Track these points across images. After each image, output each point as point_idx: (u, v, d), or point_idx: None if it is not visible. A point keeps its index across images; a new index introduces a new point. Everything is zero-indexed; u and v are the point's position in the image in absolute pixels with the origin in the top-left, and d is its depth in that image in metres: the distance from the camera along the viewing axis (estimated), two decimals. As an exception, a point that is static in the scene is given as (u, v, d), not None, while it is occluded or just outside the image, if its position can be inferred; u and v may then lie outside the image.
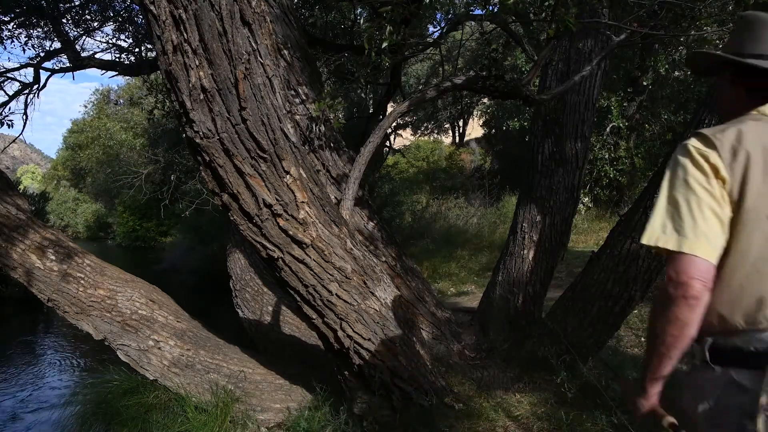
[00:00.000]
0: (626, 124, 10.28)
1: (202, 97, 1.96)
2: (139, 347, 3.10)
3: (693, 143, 1.04)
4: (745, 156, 0.99)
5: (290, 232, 2.27)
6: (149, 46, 6.09)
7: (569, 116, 3.77)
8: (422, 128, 19.58)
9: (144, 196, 11.12)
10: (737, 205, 1.00)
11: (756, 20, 1.09)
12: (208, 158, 2.08)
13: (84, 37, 6.34)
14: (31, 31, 5.83)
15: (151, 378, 3.11)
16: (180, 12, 1.86)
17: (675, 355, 1.03)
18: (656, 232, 1.03)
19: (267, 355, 3.87)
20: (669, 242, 1.00)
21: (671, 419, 1.08)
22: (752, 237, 0.99)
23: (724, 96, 1.18)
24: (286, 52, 3.37)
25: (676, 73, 9.77)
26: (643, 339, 4.04)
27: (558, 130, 3.80)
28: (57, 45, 6.01)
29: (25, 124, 6.52)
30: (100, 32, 6.45)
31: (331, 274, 2.44)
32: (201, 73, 1.93)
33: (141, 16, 5.97)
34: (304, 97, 3.43)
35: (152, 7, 1.88)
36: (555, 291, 4.28)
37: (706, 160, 1.01)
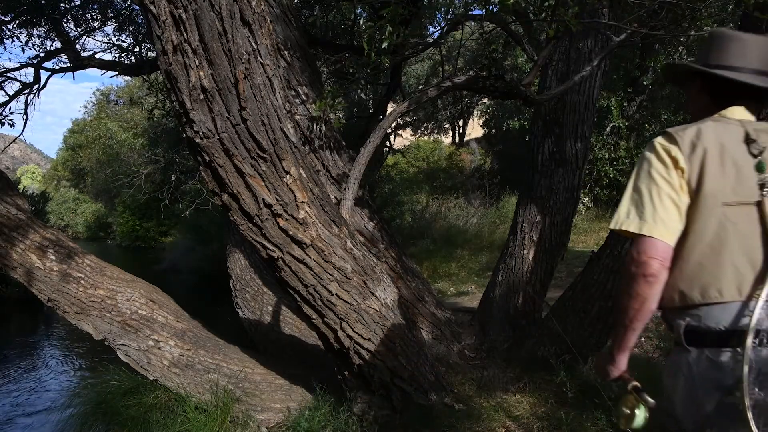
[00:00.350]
0: (626, 124, 10.28)
1: (202, 97, 1.96)
2: (139, 347, 3.10)
3: (658, 140, 1.19)
4: (702, 150, 1.12)
5: (290, 232, 2.28)
6: (149, 46, 6.09)
7: (569, 116, 3.77)
8: (422, 128, 19.59)
9: (144, 196, 11.11)
10: (695, 192, 1.13)
11: (721, 36, 1.24)
12: (208, 158, 2.09)
13: (84, 37, 6.34)
14: (32, 30, 5.83)
15: (151, 378, 3.11)
16: (180, 12, 1.86)
17: (638, 327, 1.16)
18: (621, 218, 1.16)
19: (267, 355, 3.88)
20: (631, 225, 1.14)
21: (635, 383, 1.20)
22: (708, 221, 1.11)
23: (693, 102, 1.32)
24: (286, 52, 3.37)
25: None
26: (643, 339, 4.04)
27: (558, 130, 3.80)
28: (57, 45, 6.01)
29: (25, 124, 6.53)
30: (100, 32, 6.46)
31: (331, 274, 2.44)
32: (201, 73, 1.93)
33: (141, 16, 5.97)
34: (304, 97, 3.43)
35: (152, 7, 1.88)
36: (555, 291, 4.28)
37: (668, 153, 1.15)
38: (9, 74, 5.92)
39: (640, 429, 1.15)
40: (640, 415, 1.15)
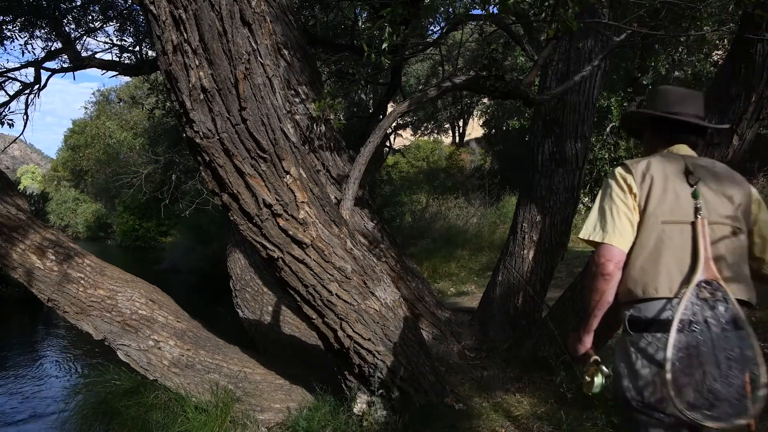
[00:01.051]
0: (626, 123, 10.27)
1: (202, 97, 1.96)
2: (139, 347, 3.10)
3: (618, 170, 1.51)
4: (650, 178, 1.44)
5: (290, 232, 2.28)
6: (150, 46, 6.09)
7: (569, 116, 3.78)
8: (422, 128, 19.58)
9: (144, 196, 11.12)
10: (643, 212, 1.44)
11: (666, 91, 1.59)
12: (208, 158, 2.09)
13: (85, 37, 6.34)
14: (32, 30, 5.83)
15: (151, 378, 3.11)
16: (180, 12, 1.86)
17: (598, 314, 1.48)
18: (589, 230, 1.49)
19: (267, 355, 3.88)
20: (596, 236, 1.46)
21: (596, 357, 1.52)
22: (650, 235, 1.42)
23: (647, 143, 1.65)
24: (286, 52, 3.37)
25: (676, 73, 9.77)
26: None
27: (558, 130, 3.80)
28: (58, 45, 6.01)
29: (25, 124, 6.52)
30: (101, 32, 6.45)
31: (331, 274, 2.44)
32: (201, 73, 1.93)
33: (142, 16, 5.97)
34: (304, 97, 3.43)
35: (152, 7, 1.88)
36: (555, 291, 4.28)
37: (625, 181, 1.47)
38: (9, 74, 5.92)
39: (598, 392, 1.48)
40: (598, 381, 1.47)
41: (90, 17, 6.10)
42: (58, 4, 5.53)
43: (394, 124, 6.74)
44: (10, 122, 6.00)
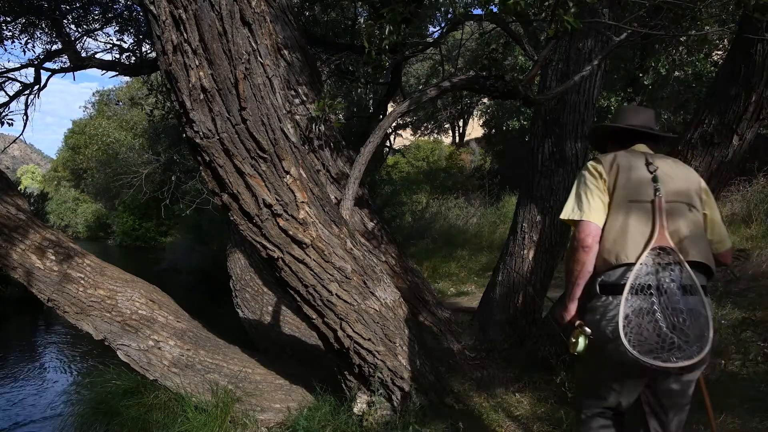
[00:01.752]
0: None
1: (202, 97, 1.96)
2: (139, 347, 3.10)
3: (590, 162, 1.80)
4: (616, 167, 1.73)
5: (290, 232, 2.27)
6: (150, 46, 6.09)
7: (569, 116, 3.77)
8: (422, 128, 19.57)
9: (144, 196, 11.11)
10: (612, 194, 1.71)
11: (624, 108, 1.96)
12: (208, 158, 2.09)
13: (85, 37, 6.33)
14: (33, 31, 5.82)
15: (151, 378, 3.11)
16: (180, 12, 1.86)
17: (581, 283, 1.70)
18: (568, 212, 1.75)
19: (267, 355, 3.88)
20: (575, 215, 1.72)
21: (579, 321, 1.71)
22: (619, 211, 1.68)
23: (610, 151, 1.89)
24: (286, 52, 3.37)
25: (676, 73, 9.76)
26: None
27: (558, 130, 3.80)
28: (58, 45, 6.00)
29: (25, 124, 6.51)
30: (101, 33, 6.44)
31: (331, 274, 2.44)
32: (201, 73, 1.93)
33: (142, 17, 5.97)
34: (304, 97, 3.43)
35: (152, 7, 1.88)
36: (555, 291, 4.28)
37: (596, 169, 1.75)
38: (9, 74, 5.91)
39: (582, 351, 1.69)
40: (582, 342, 1.68)
41: (90, 18, 6.09)
42: (58, 5, 5.53)
43: (394, 124, 6.74)
44: (9, 122, 6.00)
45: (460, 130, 20.33)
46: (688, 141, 2.76)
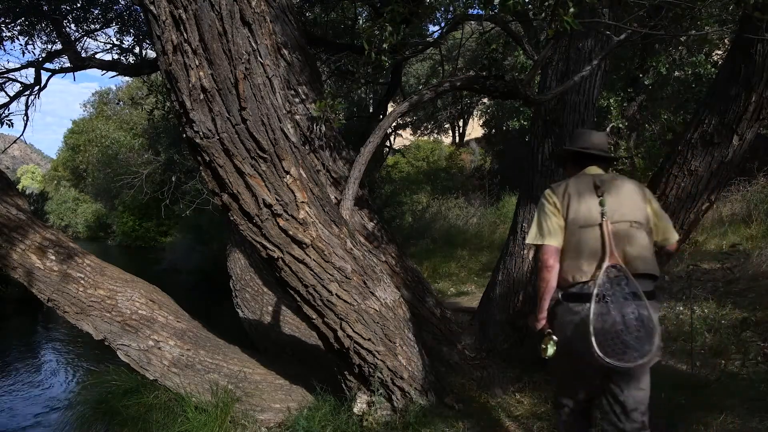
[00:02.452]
0: (626, 124, 10.26)
1: (202, 97, 1.96)
2: (139, 347, 3.10)
3: (547, 192, 2.06)
4: (568, 196, 1.99)
5: (290, 232, 2.27)
6: (149, 46, 6.08)
7: (569, 116, 3.77)
8: (422, 128, 19.57)
9: (144, 196, 11.11)
10: (566, 219, 1.98)
11: (581, 132, 2.25)
12: (208, 158, 2.09)
13: (85, 38, 6.32)
14: (33, 31, 5.81)
15: (151, 378, 3.11)
16: (180, 12, 1.86)
17: (547, 297, 2.00)
18: (532, 236, 2.03)
19: (267, 355, 3.88)
20: (538, 240, 2.00)
21: (549, 329, 1.99)
22: (572, 237, 1.96)
23: (567, 169, 2.19)
24: (286, 52, 3.37)
25: (677, 73, 9.76)
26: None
27: (558, 130, 3.79)
28: (58, 46, 5.99)
29: (25, 124, 6.49)
30: (101, 33, 6.44)
31: (331, 274, 2.44)
32: (201, 73, 1.93)
33: (142, 17, 5.96)
34: (304, 97, 3.43)
35: (152, 7, 1.88)
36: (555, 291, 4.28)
37: (552, 199, 2.02)
38: (10, 75, 5.90)
39: (552, 356, 1.95)
40: (551, 348, 1.95)
41: (90, 18, 6.08)
42: (58, 5, 5.52)
43: (394, 124, 6.74)
44: (9, 122, 5.99)
45: (460, 130, 20.33)
46: (688, 141, 2.76)
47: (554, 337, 1.95)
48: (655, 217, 2.02)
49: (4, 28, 5.51)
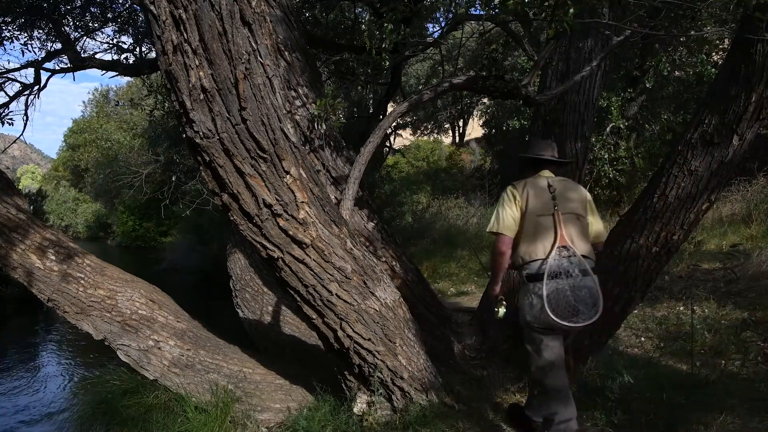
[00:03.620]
0: (626, 124, 10.26)
1: (202, 97, 1.96)
2: (139, 347, 3.10)
3: (509, 187, 2.50)
4: (527, 192, 2.44)
5: (290, 232, 2.27)
6: (149, 46, 6.08)
7: (569, 116, 3.77)
8: (422, 128, 19.57)
9: (144, 196, 11.11)
10: (523, 211, 2.43)
11: (537, 140, 2.71)
12: (208, 158, 2.09)
13: (84, 38, 6.32)
14: (32, 31, 5.81)
15: (151, 378, 3.11)
16: (180, 12, 1.86)
17: (500, 274, 2.53)
18: (491, 225, 2.47)
19: (267, 355, 3.87)
20: (494, 229, 2.46)
21: (501, 296, 2.56)
22: (530, 223, 2.40)
23: (528, 171, 2.61)
24: (286, 52, 3.37)
25: (677, 73, 9.76)
26: (643, 339, 4.04)
27: (558, 130, 3.79)
28: (57, 46, 5.99)
29: (25, 124, 6.48)
30: (100, 33, 6.43)
31: (331, 274, 2.44)
32: (201, 73, 1.93)
33: (141, 17, 5.96)
34: (304, 98, 3.43)
35: (152, 7, 1.88)
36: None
37: (513, 193, 2.47)
38: (9, 74, 5.90)
39: (501, 318, 2.60)
40: (502, 311, 2.56)
41: (89, 17, 6.08)
42: (57, 5, 5.52)
43: (394, 124, 6.74)
44: (10, 122, 5.98)
45: (460, 130, 20.34)
46: (688, 141, 2.76)
47: (505, 303, 2.55)
48: (592, 217, 2.53)
49: (3, 28, 5.50)
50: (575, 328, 2.30)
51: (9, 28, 5.58)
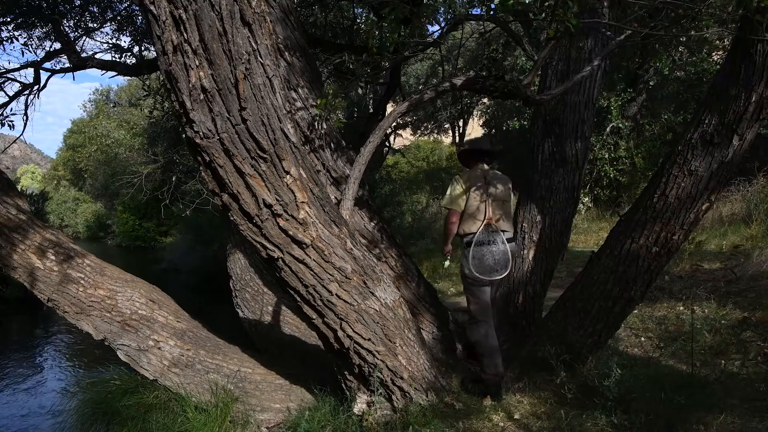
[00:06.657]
0: (626, 124, 10.27)
1: (202, 97, 1.96)
2: (139, 347, 3.10)
3: (456, 176, 3.25)
4: (469, 180, 3.18)
5: (290, 232, 2.27)
6: (149, 46, 6.08)
7: (569, 116, 3.77)
8: (422, 128, 19.57)
9: (144, 196, 11.11)
10: (467, 196, 3.16)
11: (475, 140, 3.60)
12: (208, 158, 2.08)
13: (84, 37, 6.32)
14: (32, 31, 5.81)
15: (151, 378, 3.11)
16: (180, 12, 1.86)
17: (450, 238, 3.30)
18: (446, 202, 3.26)
19: (267, 355, 3.87)
20: (447, 205, 3.25)
21: (449, 250, 3.42)
22: (472, 206, 3.16)
23: (472, 163, 3.36)
24: (286, 52, 3.37)
25: (678, 73, 9.76)
26: (643, 339, 4.04)
27: (558, 130, 3.79)
28: (57, 46, 5.98)
29: (25, 124, 6.50)
30: (100, 33, 6.43)
31: (331, 274, 2.44)
32: (201, 73, 1.93)
33: (141, 17, 5.96)
34: (305, 98, 3.43)
35: (152, 7, 1.88)
36: (555, 291, 4.28)
37: (459, 181, 3.20)
38: (9, 75, 5.90)
39: (447, 268, 3.90)
40: (447, 263, 3.47)
41: (89, 17, 6.08)
42: (56, 5, 5.52)
43: (394, 124, 6.74)
44: (10, 123, 5.98)
45: (460, 130, 20.32)
46: (688, 141, 2.75)
47: (449, 258, 3.43)
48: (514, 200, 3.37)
49: (3, 28, 5.50)
50: (494, 281, 3.19)
51: (8, 28, 5.58)
